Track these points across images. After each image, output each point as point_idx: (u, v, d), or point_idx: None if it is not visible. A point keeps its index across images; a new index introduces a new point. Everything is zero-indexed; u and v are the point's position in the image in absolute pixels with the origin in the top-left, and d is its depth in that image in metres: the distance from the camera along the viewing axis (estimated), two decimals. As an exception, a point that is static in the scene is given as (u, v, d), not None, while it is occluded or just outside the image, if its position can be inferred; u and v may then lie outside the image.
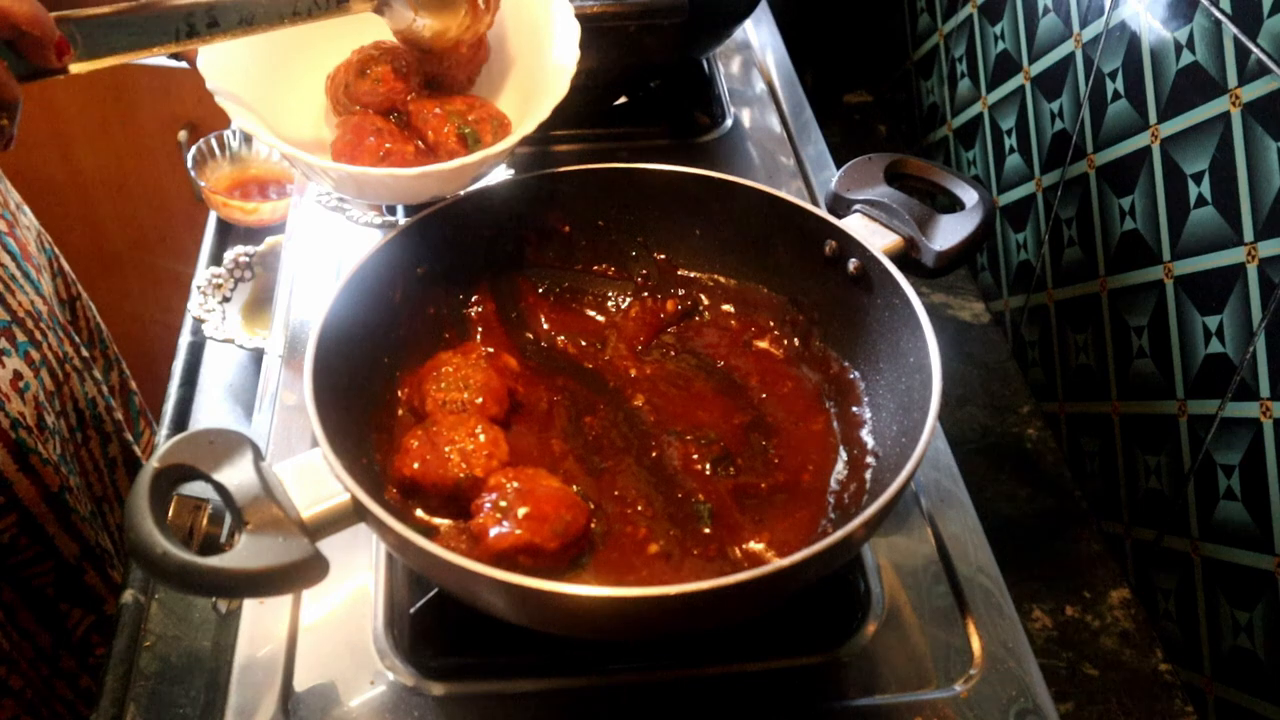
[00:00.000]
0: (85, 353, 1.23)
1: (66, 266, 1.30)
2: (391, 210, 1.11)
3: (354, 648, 0.79)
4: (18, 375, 1.05)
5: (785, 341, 0.93)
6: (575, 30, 0.91)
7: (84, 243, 2.08)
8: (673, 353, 0.93)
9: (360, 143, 0.89)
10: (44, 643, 1.07)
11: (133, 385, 1.39)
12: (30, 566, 1.04)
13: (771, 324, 0.94)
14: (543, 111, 0.88)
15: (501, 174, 0.96)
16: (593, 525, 0.77)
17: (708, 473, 0.83)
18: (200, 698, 0.85)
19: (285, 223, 1.18)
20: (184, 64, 1.03)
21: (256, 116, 0.87)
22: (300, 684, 0.77)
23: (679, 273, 0.97)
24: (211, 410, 1.21)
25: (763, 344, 0.94)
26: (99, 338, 1.34)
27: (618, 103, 1.32)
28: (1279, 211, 0.88)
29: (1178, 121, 1.00)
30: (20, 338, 1.07)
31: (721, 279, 0.96)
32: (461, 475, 0.77)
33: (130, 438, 1.29)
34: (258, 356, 1.25)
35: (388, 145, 0.89)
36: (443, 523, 0.78)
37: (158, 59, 1.04)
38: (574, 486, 0.79)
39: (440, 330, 0.91)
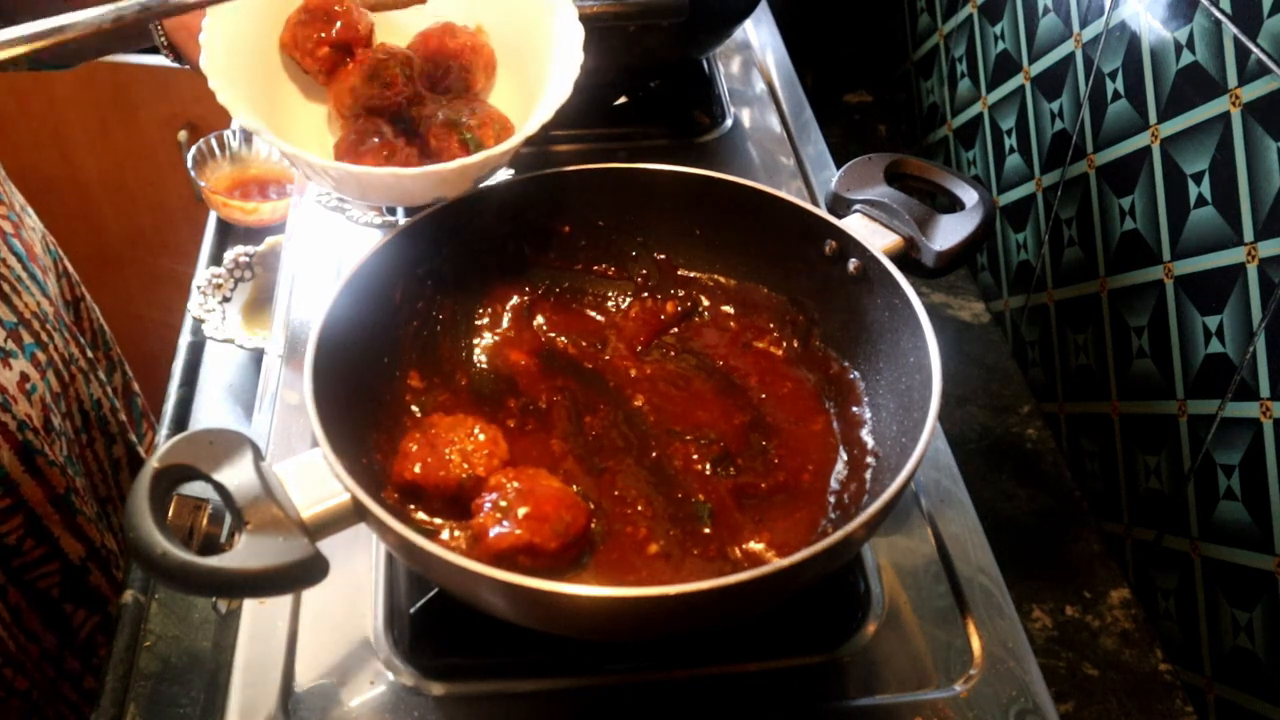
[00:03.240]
0: (90, 354, 1.23)
1: (70, 268, 1.30)
2: (391, 210, 1.11)
3: (354, 648, 0.79)
4: (24, 377, 1.05)
5: (785, 342, 0.93)
6: (579, 33, 0.91)
7: (84, 243, 2.08)
8: (673, 353, 0.93)
9: (364, 144, 0.89)
10: (49, 644, 1.07)
11: (135, 387, 1.39)
12: (36, 568, 1.04)
13: (771, 324, 0.94)
14: (545, 113, 0.88)
15: (502, 174, 0.96)
16: (593, 525, 0.77)
17: (708, 473, 0.83)
18: (200, 698, 0.85)
19: (285, 223, 1.18)
20: (185, 65, 1.03)
21: (259, 116, 0.88)
22: (300, 684, 0.77)
23: (679, 273, 0.97)
24: (211, 410, 1.21)
25: (762, 344, 0.94)
26: (102, 339, 1.34)
27: (618, 103, 1.32)
28: (1279, 211, 0.88)
29: (1178, 121, 1.00)
30: (27, 339, 1.07)
31: (721, 279, 0.96)
32: (464, 475, 0.77)
33: (134, 439, 1.29)
34: (258, 356, 1.25)
35: (392, 149, 0.89)
36: (443, 524, 0.78)
37: (159, 59, 1.05)
38: (574, 486, 0.79)
39: (441, 330, 0.91)
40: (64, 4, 1.04)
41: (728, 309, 0.96)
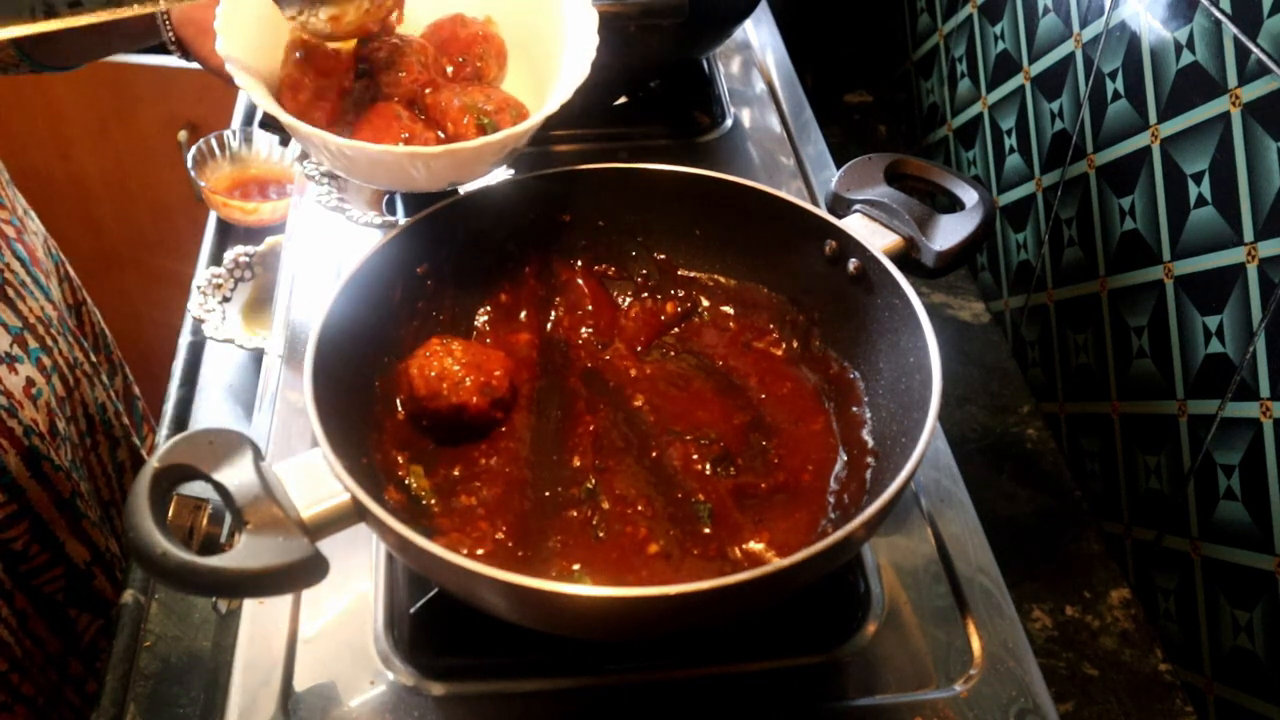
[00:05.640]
0: (93, 358, 1.23)
1: (71, 272, 1.30)
2: (391, 210, 1.11)
3: (354, 648, 0.79)
4: (30, 382, 1.05)
5: (785, 342, 0.93)
6: (593, 16, 0.91)
7: (84, 243, 2.08)
8: (673, 353, 0.93)
9: (383, 129, 0.89)
10: (53, 648, 1.07)
11: (136, 390, 1.39)
12: (42, 574, 1.04)
13: (771, 324, 0.94)
14: (564, 93, 0.87)
15: (501, 174, 0.96)
16: (594, 522, 0.78)
17: (708, 473, 0.83)
18: (200, 698, 0.85)
19: (285, 223, 1.18)
20: (190, 64, 1.03)
21: (275, 103, 0.87)
22: (300, 684, 0.77)
23: (679, 273, 0.97)
24: (211, 410, 1.21)
25: (762, 344, 0.94)
26: (104, 343, 1.34)
27: (618, 103, 1.32)
28: (1279, 211, 0.88)
29: (1178, 121, 1.00)
30: (32, 344, 1.07)
31: (721, 279, 0.96)
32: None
33: (137, 442, 1.29)
34: (258, 356, 1.25)
35: (411, 133, 0.89)
36: (438, 501, 0.78)
37: (158, 58, 1.05)
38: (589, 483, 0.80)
39: (441, 330, 0.91)
40: (103, 38, 1.05)
41: (728, 309, 0.96)
